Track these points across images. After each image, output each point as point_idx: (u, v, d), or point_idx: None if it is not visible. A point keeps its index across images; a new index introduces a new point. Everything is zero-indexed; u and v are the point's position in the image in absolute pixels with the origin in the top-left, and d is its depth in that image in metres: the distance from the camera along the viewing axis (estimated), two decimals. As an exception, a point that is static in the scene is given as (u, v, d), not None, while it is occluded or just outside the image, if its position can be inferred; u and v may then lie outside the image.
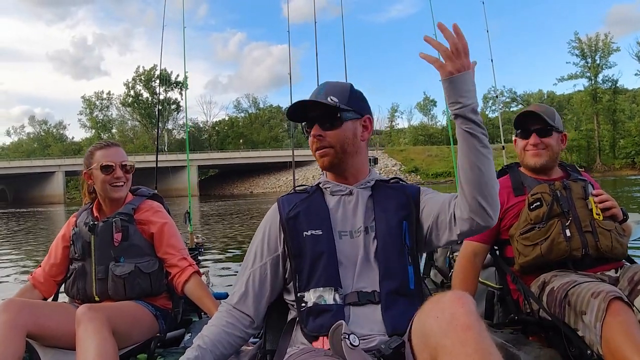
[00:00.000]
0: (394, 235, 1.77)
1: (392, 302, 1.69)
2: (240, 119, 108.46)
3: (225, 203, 40.27)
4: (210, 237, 13.86)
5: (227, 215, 24.27)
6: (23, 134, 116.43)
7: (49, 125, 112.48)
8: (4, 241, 16.00)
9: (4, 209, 54.63)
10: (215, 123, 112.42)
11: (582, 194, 2.50)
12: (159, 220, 2.74)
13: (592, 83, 77.65)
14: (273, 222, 1.89)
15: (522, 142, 2.67)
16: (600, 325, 1.93)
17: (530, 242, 2.46)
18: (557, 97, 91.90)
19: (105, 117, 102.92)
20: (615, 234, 2.44)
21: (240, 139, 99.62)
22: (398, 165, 75.06)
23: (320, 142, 1.83)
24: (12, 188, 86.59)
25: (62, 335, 2.30)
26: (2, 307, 2.24)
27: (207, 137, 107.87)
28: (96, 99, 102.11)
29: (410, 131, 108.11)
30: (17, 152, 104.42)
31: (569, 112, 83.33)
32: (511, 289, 2.62)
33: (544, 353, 2.24)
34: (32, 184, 73.94)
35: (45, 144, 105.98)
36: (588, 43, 77.28)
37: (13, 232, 19.59)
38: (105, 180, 2.66)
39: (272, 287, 1.86)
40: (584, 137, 76.20)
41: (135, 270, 2.61)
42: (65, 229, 2.80)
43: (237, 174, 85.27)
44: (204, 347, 1.75)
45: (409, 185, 1.94)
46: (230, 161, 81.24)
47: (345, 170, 1.87)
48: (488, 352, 1.24)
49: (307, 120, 1.87)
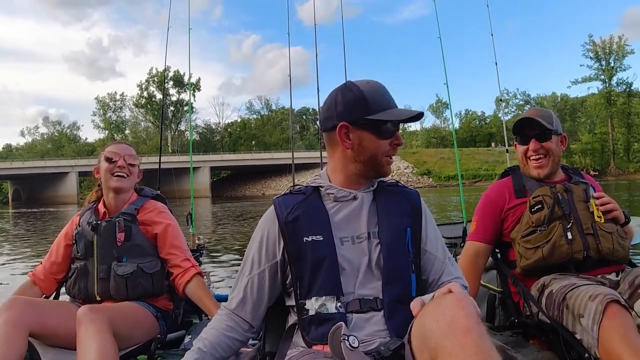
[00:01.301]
0: (398, 242, 1.74)
1: (394, 310, 1.66)
2: (252, 121, 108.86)
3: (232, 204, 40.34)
4: (220, 238, 13.90)
5: (233, 217, 24.33)
6: (37, 134, 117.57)
7: (63, 126, 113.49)
8: (16, 239, 16.15)
9: (18, 208, 55.18)
10: (227, 125, 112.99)
11: (583, 197, 2.49)
12: (163, 221, 2.74)
13: (607, 86, 77.30)
14: (271, 226, 1.83)
15: (522, 148, 2.65)
16: (597, 328, 1.92)
17: (531, 245, 2.45)
18: (571, 100, 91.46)
19: (119, 118, 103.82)
20: (617, 236, 2.42)
21: (253, 141, 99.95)
22: (410, 168, 74.99)
23: (395, 151, 1.83)
24: (26, 188, 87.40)
25: (63, 335, 2.29)
26: (7, 304, 2.24)
27: (220, 139, 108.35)
28: (109, 100, 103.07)
29: (423, 134, 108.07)
30: (31, 152, 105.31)
31: (582, 115, 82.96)
32: (512, 291, 2.61)
33: (542, 356, 2.23)
34: (45, 184, 74.60)
35: (58, 144, 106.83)
36: (602, 45, 76.92)
37: (25, 231, 19.76)
38: (108, 169, 2.69)
39: (270, 294, 1.84)
40: (598, 140, 75.83)
41: (138, 271, 2.61)
42: (68, 227, 2.81)
43: (249, 176, 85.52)
44: (204, 349, 1.74)
45: (408, 190, 1.91)
46: (242, 163, 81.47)
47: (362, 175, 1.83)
48: (488, 355, 1.22)
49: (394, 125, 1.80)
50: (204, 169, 74.85)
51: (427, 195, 39.92)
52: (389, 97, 1.78)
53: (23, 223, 26.10)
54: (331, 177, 1.85)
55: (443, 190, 49.84)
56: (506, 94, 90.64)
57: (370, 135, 1.74)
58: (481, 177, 67.89)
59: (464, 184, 58.75)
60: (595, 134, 76.56)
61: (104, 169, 2.70)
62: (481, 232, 2.66)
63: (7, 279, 8.29)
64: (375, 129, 1.74)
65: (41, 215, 34.18)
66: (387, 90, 1.79)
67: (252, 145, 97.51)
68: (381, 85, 1.80)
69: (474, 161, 75.21)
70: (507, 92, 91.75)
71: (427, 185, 68.24)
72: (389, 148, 1.77)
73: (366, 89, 1.75)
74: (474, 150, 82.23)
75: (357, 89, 1.75)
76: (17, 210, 50.24)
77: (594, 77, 78.51)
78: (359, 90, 1.75)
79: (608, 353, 1.86)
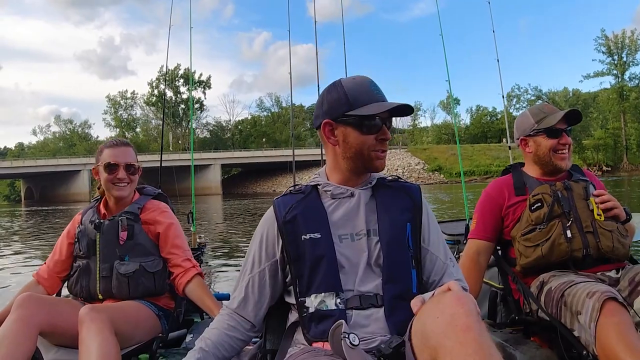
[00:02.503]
0: (398, 238, 1.74)
1: (395, 306, 1.66)
2: (262, 118, 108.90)
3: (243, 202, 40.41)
4: (229, 234, 13.93)
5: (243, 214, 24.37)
6: (49, 133, 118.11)
7: (74, 125, 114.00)
8: (30, 236, 16.27)
9: (30, 206, 55.58)
10: (238, 122, 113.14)
11: (583, 195, 2.48)
12: (165, 220, 2.75)
13: (619, 81, 76.65)
14: (270, 226, 1.84)
15: (551, 141, 2.58)
16: (594, 325, 1.92)
17: (531, 243, 2.45)
18: (583, 95, 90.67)
19: (130, 116, 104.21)
20: (617, 234, 2.41)
21: (263, 138, 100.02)
22: (421, 164, 74.73)
23: (384, 146, 1.77)
24: (38, 186, 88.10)
25: (70, 334, 2.28)
26: (19, 301, 2.22)
27: (230, 136, 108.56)
28: (120, 98, 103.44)
29: (434, 130, 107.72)
30: (43, 151, 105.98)
31: (595, 110, 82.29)
32: (512, 289, 2.61)
33: (541, 353, 2.23)
34: (57, 182, 75.17)
35: (70, 143, 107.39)
36: (615, 40, 76.33)
37: (37, 230, 19.90)
38: (108, 180, 2.68)
39: (272, 292, 1.85)
40: (611, 135, 75.29)
41: (140, 269, 2.61)
42: (70, 226, 2.81)
43: (260, 173, 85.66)
44: (206, 349, 1.75)
45: (408, 185, 1.90)
46: (253, 160, 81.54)
47: (353, 171, 1.82)
48: (488, 352, 1.22)
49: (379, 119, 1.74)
50: (215, 167, 75.10)
51: (437, 191, 39.82)
52: (375, 91, 1.76)
53: (34, 221, 26.27)
54: (329, 175, 1.87)
55: (454, 187, 49.62)
56: (517, 89, 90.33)
57: (354, 131, 1.74)
58: (492, 173, 67.48)
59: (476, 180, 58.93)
60: (607, 129, 76.00)
61: (104, 179, 2.69)
62: (482, 229, 2.66)
63: (17, 277, 8.33)
64: (357, 125, 1.74)
65: (53, 213, 34.40)
66: (374, 85, 1.77)
67: (263, 142, 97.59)
68: (367, 80, 1.78)
69: (485, 157, 74.80)
70: (519, 87, 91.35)
71: (438, 182, 68.03)
72: (376, 143, 1.74)
73: (348, 85, 1.76)
74: (485, 147, 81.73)
75: (340, 85, 1.77)
76: (30, 208, 50.62)
77: (606, 71, 77.97)
78: (342, 87, 1.76)
79: (605, 350, 1.86)
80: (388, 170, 69.76)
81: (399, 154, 78.66)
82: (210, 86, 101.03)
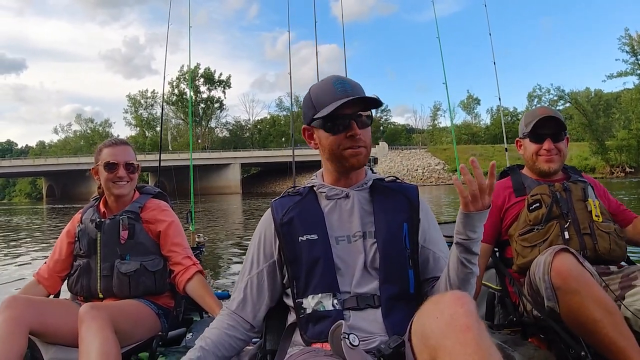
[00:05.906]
0: (395, 239, 1.75)
1: (392, 307, 1.67)
2: (282, 117, 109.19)
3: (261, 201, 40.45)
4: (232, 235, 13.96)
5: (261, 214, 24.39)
6: (70, 131, 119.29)
7: (95, 123, 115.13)
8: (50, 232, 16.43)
9: (52, 204, 56.30)
10: (257, 121, 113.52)
11: (581, 196, 2.48)
12: (165, 218, 2.76)
13: (643, 81, 75.51)
14: (268, 228, 1.86)
15: (535, 146, 2.62)
16: (548, 277, 2.00)
17: (529, 243, 2.45)
18: (605, 96, 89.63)
19: (150, 115, 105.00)
20: (615, 236, 2.41)
21: (282, 137, 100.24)
22: (442, 165, 74.26)
23: (357, 142, 1.74)
24: (59, 184, 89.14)
25: (64, 333, 2.31)
26: (6, 303, 2.25)
27: (249, 135, 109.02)
28: (141, 97, 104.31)
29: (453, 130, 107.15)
30: (64, 149, 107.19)
31: (617, 111, 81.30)
32: (510, 291, 2.61)
33: (538, 354, 2.23)
34: (78, 180, 76.01)
35: (91, 141, 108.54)
36: (638, 39, 75.25)
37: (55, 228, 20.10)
38: (108, 178, 2.69)
39: (270, 294, 1.86)
40: (634, 136, 74.10)
41: (141, 268, 2.63)
42: (70, 225, 2.83)
43: (279, 172, 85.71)
44: (206, 348, 1.76)
45: (406, 186, 1.90)
46: (272, 159, 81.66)
47: (337, 171, 1.82)
48: (488, 352, 1.22)
49: (342, 117, 1.71)
50: (235, 166, 75.38)
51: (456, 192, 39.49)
52: (338, 89, 1.72)
53: (54, 218, 26.55)
54: (324, 176, 1.89)
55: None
56: (539, 89, 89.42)
57: (324, 133, 1.75)
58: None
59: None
60: (630, 130, 74.84)
61: (104, 178, 2.70)
62: None
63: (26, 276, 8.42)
64: (323, 126, 1.75)
65: (74, 210, 34.72)
66: (339, 82, 1.74)
67: (282, 141, 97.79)
68: (331, 79, 1.77)
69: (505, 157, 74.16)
70: (540, 87, 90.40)
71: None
72: (346, 140, 1.72)
73: (314, 89, 1.79)
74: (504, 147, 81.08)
75: (309, 90, 1.79)
76: (51, 205, 51.25)
77: (629, 71, 76.73)
78: (309, 91, 1.79)
79: (564, 294, 1.96)
80: (408, 171, 69.67)
81: (419, 154, 78.26)
82: (230, 85, 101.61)
